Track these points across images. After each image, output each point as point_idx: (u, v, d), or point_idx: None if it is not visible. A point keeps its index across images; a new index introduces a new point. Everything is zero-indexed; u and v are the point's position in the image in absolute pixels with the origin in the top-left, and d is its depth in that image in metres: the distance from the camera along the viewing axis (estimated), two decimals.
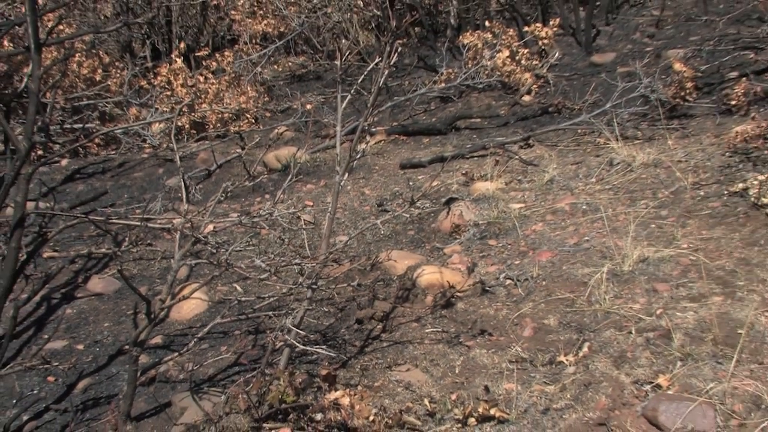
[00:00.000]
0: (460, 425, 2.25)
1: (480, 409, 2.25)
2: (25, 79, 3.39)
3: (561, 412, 2.25)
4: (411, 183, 4.26)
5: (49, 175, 5.00)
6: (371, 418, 2.20)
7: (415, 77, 6.61)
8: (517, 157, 4.43)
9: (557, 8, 7.08)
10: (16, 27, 4.79)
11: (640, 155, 3.99)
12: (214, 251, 2.51)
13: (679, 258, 3.01)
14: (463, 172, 4.25)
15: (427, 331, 2.84)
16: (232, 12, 7.68)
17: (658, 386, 2.29)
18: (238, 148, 5.11)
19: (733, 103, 4.43)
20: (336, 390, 2.29)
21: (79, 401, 2.72)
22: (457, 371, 2.55)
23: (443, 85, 5.82)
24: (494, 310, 2.90)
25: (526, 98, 5.66)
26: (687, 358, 2.39)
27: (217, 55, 6.86)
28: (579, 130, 4.70)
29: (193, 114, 5.80)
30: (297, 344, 2.43)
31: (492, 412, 2.24)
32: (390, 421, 2.24)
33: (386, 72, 2.59)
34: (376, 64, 2.65)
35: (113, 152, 5.57)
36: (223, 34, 7.90)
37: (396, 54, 2.63)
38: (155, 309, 2.40)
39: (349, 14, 7.30)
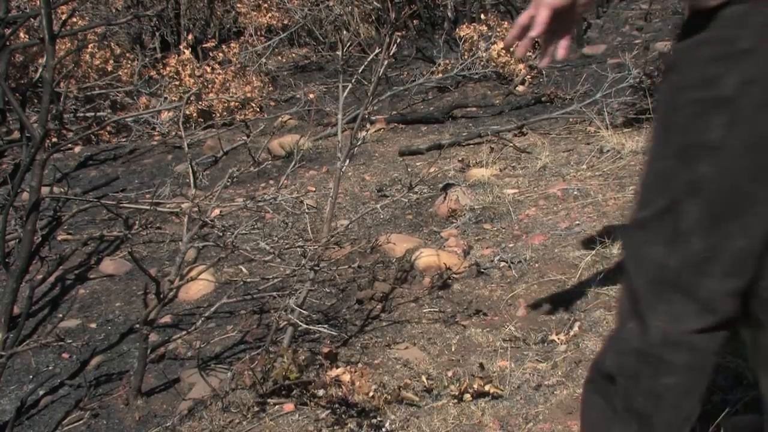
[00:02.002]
0: (456, 401, 2.25)
1: (475, 386, 2.24)
2: (40, 70, 3.39)
3: (552, 388, 2.24)
4: (409, 169, 4.25)
5: (63, 162, 4.99)
6: (371, 394, 2.20)
7: (414, 68, 6.59)
8: (511, 144, 4.42)
9: None
10: (31, 19, 4.76)
11: (629, 143, 3.98)
12: (221, 234, 2.51)
13: None
14: (460, 159, 4.24)
15: (424, 311, 2.84)
16: (238, 5, 7.65)
17: None
18: (244, 136, 5.10)
19: None
20: (337, 367, 2.29)
21: (92, 377, 2.72)
22: (453, 349, 2.55)
23: (440, 75, 5.80)
24: (489, 291, 2.89)
25: (520, 88, 5.64)
26: None
27: (223, 46, 6.83)
28: (570, 119, 4.69)
29: (200, 103, 5.78)
30: (300, 323, 2.43)
31: (486, 388, 2.24)
32: (389, 397, 2.24)
33: (386, 63, 2.58)
34: (376, 56, 2.64)
35: (124, 140, 5.56)
36: (230, 27, 7.87)
37: (395, 45, 2.61)
38: (164, 289, 2.40)
39: (350, 7, 7.27)
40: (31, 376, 2.76)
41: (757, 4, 1.27)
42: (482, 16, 6.22)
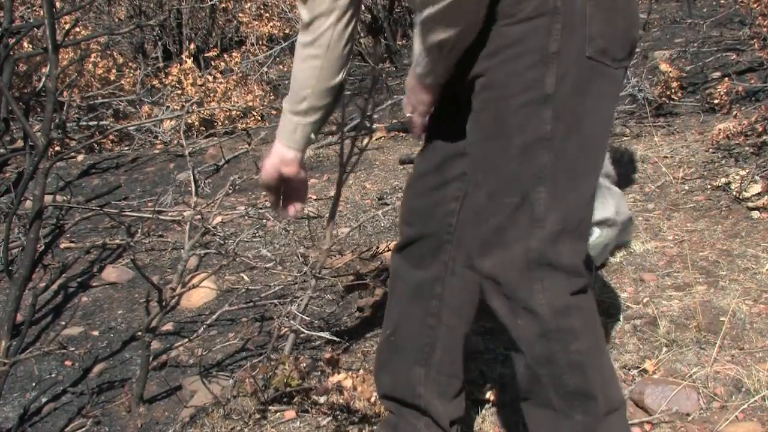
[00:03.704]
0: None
1: (475, 393, 2.24)
2: (44, 79, 3.40)
3: None
4: None
5: (66, 170, 4.99)
6: (372, 399, 2.19)
7: None
8: None
9: None
10: (35, 29, 4.77)
11: (629, 151, 3.99)
12: (222, 242, 2.51)
13: (664, 249, 3.01)
14: None
15: None
16: (240, 15, 7.65)
17: (645, 371, 2.29)
18: (246, 144, 5.11)
19: (716, 101, 4.42)
20: (339, 374, 2.29)
21: (94, 384, 2.72)
22: None
23: None
24: None
25: None
26: (672, 344, 2.39)
27: (225, 55, 6.83)
28: None
29: (202, 111, 5.79)
30: (302, 330, 2.43)
31: (487, 395, 2.24)
32: None
33: (386, 72, 2.58)
34: (377, 65, 2.64)
35: (126, 148, 5.56)
36: (231, 36, 7.88)
37: (396, 54, 2.61)
38: (166, 297, 2.40)
39: None
40: (33, 384, 2.76)
41: (554, 17, 1.52)
42: None
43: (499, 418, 2.19)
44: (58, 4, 5.04)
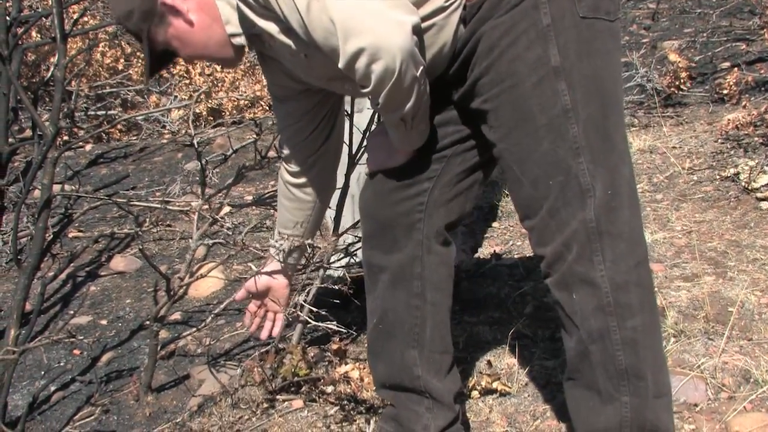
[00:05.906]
0: (463, 397, 2.24)
1: (483, 383, 2.24)
2: (52, 68, 3.39)
3: (560, 385, 2.23)
4: None
5: (74, 160, 5.00)
6: None
7: None
8: None
9: None
10: (43, 18, 4.77)
11: (637, 142, 3.97)
12: (230, 232, 2.51)
13: (673, 240, 3.00)
14: None
15: None
16: None
17: None
18: (253, 134, 5.10)
19: (726, 92, 4.40)
20: (346, 364, 2.29)
21: (102, 373, 2.73)
22: (461, 347, 2.54)
23: None
24: (497, 289, 2.89)
25: None
26: (680, 335, 2.38)
27: None
28: None
29: (210, 101, 5.78)
30: (309, 320, 2.43)
31: (494, 385, 2.24)
32: None
33: None
34: None
35: (134, 138, 5.56)
36: None
37: None
38: (174, 287, 2.40)
39: None
40: (42, 372, 2.77)
41: None
42: None
43: (507, 408, 2.19)
44: None
